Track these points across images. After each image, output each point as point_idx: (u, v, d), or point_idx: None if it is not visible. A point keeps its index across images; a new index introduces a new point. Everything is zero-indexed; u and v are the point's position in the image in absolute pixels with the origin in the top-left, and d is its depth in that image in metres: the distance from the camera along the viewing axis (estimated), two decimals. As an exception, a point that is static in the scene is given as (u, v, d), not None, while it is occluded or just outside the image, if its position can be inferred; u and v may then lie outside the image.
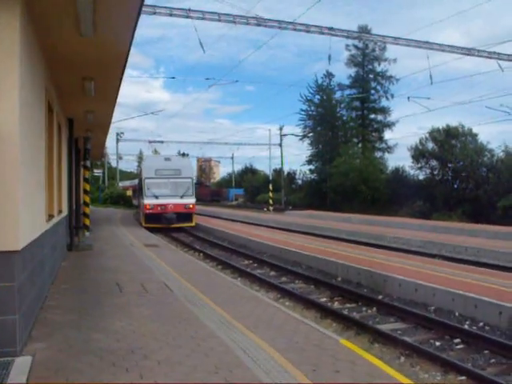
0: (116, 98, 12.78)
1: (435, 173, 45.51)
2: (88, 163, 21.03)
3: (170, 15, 24.64)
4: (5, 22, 5.81)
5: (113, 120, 17.64)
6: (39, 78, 8.17)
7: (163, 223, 28.13)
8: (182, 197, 28.81)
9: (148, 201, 28.38)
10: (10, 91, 5.87)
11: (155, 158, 35.91)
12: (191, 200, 29.18)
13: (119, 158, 75.99)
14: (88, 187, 21.43)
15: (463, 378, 6.83)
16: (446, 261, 16.37)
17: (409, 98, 33.62)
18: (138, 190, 33.92)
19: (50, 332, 7.05)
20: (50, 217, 9.97)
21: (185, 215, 28.79)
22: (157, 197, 28.39)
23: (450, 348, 8.17)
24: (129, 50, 8.58)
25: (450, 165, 43.57)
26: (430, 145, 45.68)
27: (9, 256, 5.82)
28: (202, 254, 19.30)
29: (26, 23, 6.41)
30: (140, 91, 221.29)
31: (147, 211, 28.32)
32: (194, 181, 31.47)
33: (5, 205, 5.83)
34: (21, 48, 6.03)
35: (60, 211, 12.62)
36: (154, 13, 24.32)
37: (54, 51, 8.56)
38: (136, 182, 44.33)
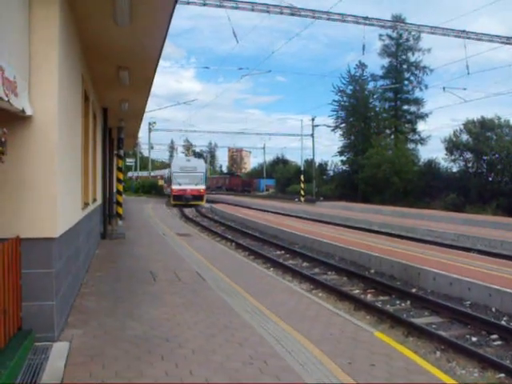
0: (150, 87, 12.81)
1: (469, 165, 44.80)
2: (121, 152, 21.20)
3: (204, 5, 24.64)
4: (45, 11, 5.86)
5: (145, 110, 17.73)
6: (76, 66, 8.23)
7: (183, 201, 41.88)
8: (196, 184, 43.27)
9: (175, 186, 43.04)
10: (49, 78, 5.92)
11: (180, 159, 54.37)
12: (202, 187, 43.97)
13: (151, 147, 76.49)
14: (121, 176, 21.63)
15: (502, 375, 6.67)
16: (481, 255, 16.06)
17: (444, 88, 33.11)
18: (168, 180, 47.82)
19: (85, 319, 7.13)
20: (86, 205, 10.08)
21: (198, 196, 43.32)
22: (180, 184, 42.86)
23: (487, 344, 7.99)
24: (164, 40, 8.58)
25: (484, 157, 42.78)
26: (465, 137, 44.99)
27: (47, 243, 5.89)
28: (233, 244, 19.33)
29: (65, 12, 6.46)
30: (171, 81, 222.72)
31: (174, 193, 42.97)
32: (205, 174, 46.17)
33: (43, 192, 5.90)
34: (60, 36, 6.08)
35: (95, 199, 12.76)
36: (188, 3, 24.37)
37: (91, 40, 8.61)
38: (160, 172, 63.11)
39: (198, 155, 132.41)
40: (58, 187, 6.06)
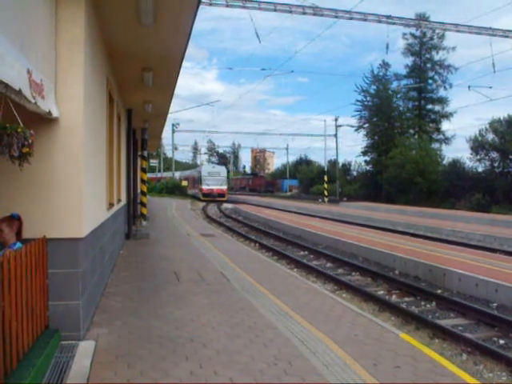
0: (174, 88, 12.88)
1: (495, 165, 44.20)
2: (145, 153, 21.34)
3: (227, 6, 24.70)
4: (71, 13, 5.94)
5: (169, 111, 17.83)
6: (101, 67, 8.30)
7: (210, 197, 53.58)
8: (220, 185, 55.78)
9: (204, 186, 55.40)
10: (75, 81, 5.98)
11: (208, 166, 66.33)
12: (225, 187, 56.69)
13: (175, 148, 76.99)
14: (145, 177, 21.77)
15: (531, 378, 6.57)
16: (508, 256, 15.82)
17: (469, 87, 32.71)
18: (196, 181, 59.25)
19: (110, 318, 7.19)
20: (111, 205, 10.16)
21: (221, 194, 55.29)
22: (208, 185, 55.39)
23: (516, 347, 7.87)
24: (188, 40, 8.61)
25: (511, 156, 42.13)
26: (490, 136, 44.42)
27: (73, 243, 5.96)
28: (257, 244, 19.32)
29: (89, 14, 6.52)
30: (193, 83, 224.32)
31: (204, 192, 55.10)
32: (226, 177, 59.68)
33: (69, 193, 5.96)
34: (85, 39, 6.14)
35: (119, 200, 12.86)
36: (210, 4, 24.45)
37: (115, 41, 8.68)
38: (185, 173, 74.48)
39: (221, 156, 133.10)
40: (83, 188, 6.12)
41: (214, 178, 56.09)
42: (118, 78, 11.55)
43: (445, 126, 60.24)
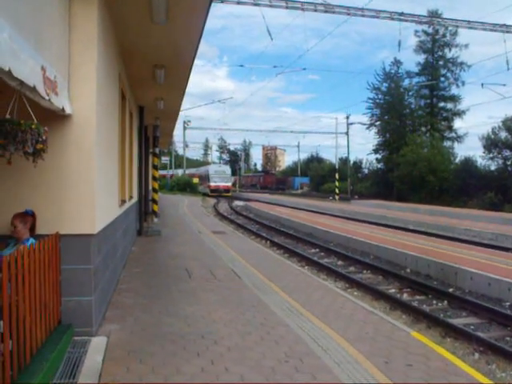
0: (186, 85, 12.89)
1: (508, 163, 43.85)
2: (157, 150, 21.39)
3: (238, 3, 24.66)
4: (84, 11, 5.96)
5: (181, 108, 17.85)
6: (113, 64, 8.33)
7: (217, 193, 59.70)
8: (225, 182, 62.61)
9: (212, 183, 61.89)
10: (88, 77, 6.01)
11: (214, 165, 72.90)
12: (229, 184, 63.75)
13: (186, 145, 77.17)
14: (157, 174, 21.83)
15: (543, 377, 6.52)
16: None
17: (482, 84, 32.47)
18: (204, 179, 65.00)
19: (122, 314, 7.22)
20: (123, 202, 10.20)
21: (226, 190, 62.06)
22: (215, 182, 61.94)
23: (529, 346, 7.81)
24: (200, 37, 8.62)
25: (525, 155, 41.90)
26: (504, 134, 44.06)
27: (86, 239, 5.99)
28: (268, 242, 19.32)
29: (102, 11, 6.55)
30: (204, 80, 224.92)
31: (211, 188, 61.54)
32: (230, 175, 66.37)
33: (82, 189, 5.99)
34: (98, 35, 6.17)
35: (131, 197, 12.90)
36: (222, 1, 24.42)
37: (128, 38, 8.71)
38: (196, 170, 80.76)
39: (232, 154, 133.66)
40: (96, 184, 6.15)
41: (220, 176, 62.99)
42: (130, 75, 11.58)
43: (457, 124, 60.06)
